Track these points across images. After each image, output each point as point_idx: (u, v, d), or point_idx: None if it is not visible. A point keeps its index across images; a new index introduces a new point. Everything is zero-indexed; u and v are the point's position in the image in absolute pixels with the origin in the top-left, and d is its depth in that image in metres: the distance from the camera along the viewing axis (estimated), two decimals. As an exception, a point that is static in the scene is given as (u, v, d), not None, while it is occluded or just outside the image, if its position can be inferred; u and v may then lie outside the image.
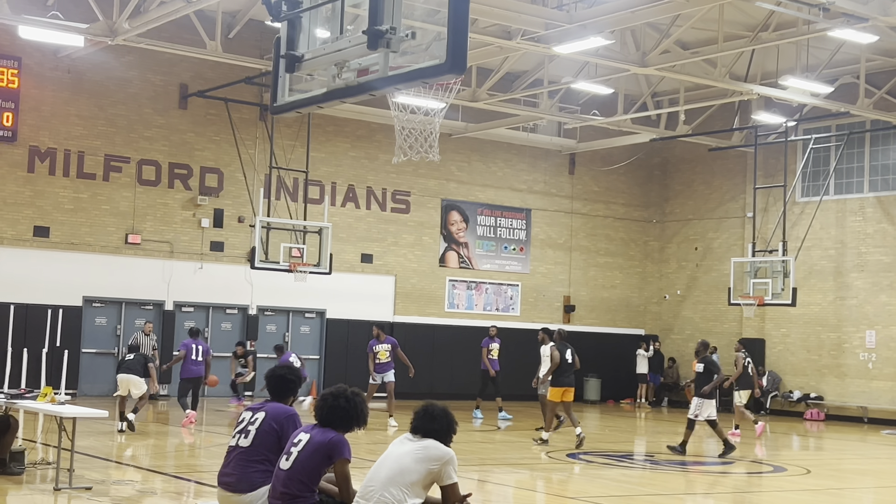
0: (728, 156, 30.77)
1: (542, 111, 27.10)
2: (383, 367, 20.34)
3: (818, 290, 28.43)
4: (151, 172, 25.47)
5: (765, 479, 15.45)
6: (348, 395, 7.04)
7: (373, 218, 28.37)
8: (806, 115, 27.84)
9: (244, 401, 23.28)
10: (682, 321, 31.95)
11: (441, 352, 28.65)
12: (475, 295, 29.97)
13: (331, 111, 26.31)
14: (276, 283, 25.51)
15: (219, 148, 26.22)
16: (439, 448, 6.79)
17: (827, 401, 28.17)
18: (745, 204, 30.26)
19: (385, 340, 20.44)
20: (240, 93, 25.59)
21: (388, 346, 20.38)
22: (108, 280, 24.81)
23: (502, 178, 30.59)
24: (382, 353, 20.28)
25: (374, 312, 27.97)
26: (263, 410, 7.45)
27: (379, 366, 20.28)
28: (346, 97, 7.32)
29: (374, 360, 20.27)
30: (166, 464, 14.39)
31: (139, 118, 25.39)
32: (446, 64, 6.35)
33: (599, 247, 32.16)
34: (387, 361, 20.34)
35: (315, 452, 6.84)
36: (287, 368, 7.75)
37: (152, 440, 17.09)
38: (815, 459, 19.64)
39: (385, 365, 20.33)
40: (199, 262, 25.91)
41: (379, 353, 20.27)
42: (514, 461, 16.47)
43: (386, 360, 20.33)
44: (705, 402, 17.39)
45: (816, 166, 28.79)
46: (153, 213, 25.45)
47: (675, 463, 16.39)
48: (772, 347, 29.51)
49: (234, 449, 7.40)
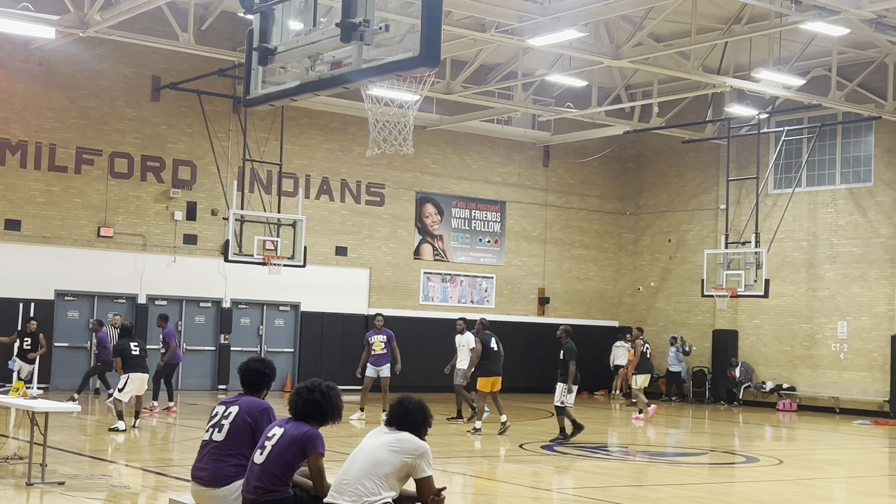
0: (701, 148, 30.90)
1: (517, 104, 27.12)
2: (378, 360, 19.58)
3: (790, 282, 28.62)
4: (124, 165, 25.32)
5: (737, 470, 15.55)
6: (323, 389, 7.02)
7: (347, 211, 28.32)
8: (778, 107, 27.99)
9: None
10: (655, 313, 32.09)
11: (416, 345, 28.63)
12: (450, 287, 29.99)
13: (305, 104, 26.23)
14: (250, 277, 25.42)
15: (192, 140, 26.08)
16: (414, 441, 6.80)
17: (799, 391, 28.37)
18: (718, 196, 30.40)
19: (382, 331, 19.72)
20: (213, 85, 25.46)
21: (384, 336, 19.56)
22: (81, 273, 24.66)
23: (477, 170, 30.60)
24: (377, 343, 19.53)
25: (348, 305, 27.95)
26: (237, 404, 7.43)
27: (374, 357, 19.54)
28: (319, 90, 7.30)
29: (368, 352, 19.65)
30: (140, 458, 14.33)
31: (111, 110, 25.22)
32: (420, 56, 6.34)
33: (574, 239, 32.24)
34: (382, 353, 19.57)
35: (289, 446, 6.83)
36: (261, 361, 7.73)
37: (126, 434, 17.00)
38: (788, 450, 19.78)
39: (380, 357, 19.56)
40: (173, 255, 25.78)
41: (374, 344, 19.55)
42: (490, 454, 16.49)
43: (381, 352, 19.55)
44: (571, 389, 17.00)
45: (789, 158, 28.95)
46: (126, 205, 25.30)
47: (650, 454, 16.47)
48: (744, 339, 29.69)
49: (208, 443, 7.38)
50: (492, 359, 18.07)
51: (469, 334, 19.79)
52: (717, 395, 29.59)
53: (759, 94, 25.90)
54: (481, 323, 18.64)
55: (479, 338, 18.28)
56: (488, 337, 18.25)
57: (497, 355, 18.22)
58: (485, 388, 18.02)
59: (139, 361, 17.06)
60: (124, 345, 17.19)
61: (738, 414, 26.57)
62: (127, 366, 16.97)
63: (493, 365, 18.02)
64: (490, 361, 18.04)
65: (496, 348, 18.20)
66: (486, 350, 18.07)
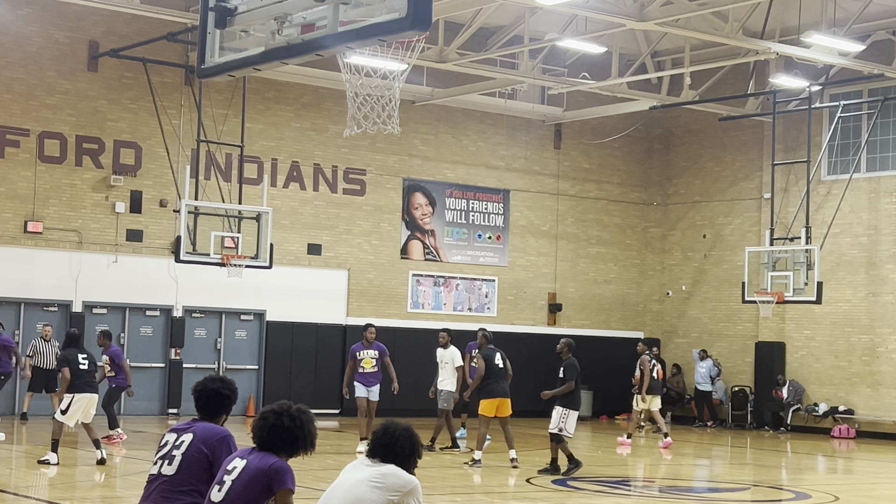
0: (741, 126, 30.93)
1: (523, 74, 27.12)
2: (368, 379, 19.40)
3: (848, 285, 28.65)
4: (55, 147, 25.29)
5: (785, 508, 15.57)
6: (293, 413, 7.01)
7: (321, 201, 28.32)
8: (833, 78, 28.02)
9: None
10: (687, 322, 32.11)
11: (403, 360, 28.55)
12: (444, 292, 30.00)
13: (270, 74, 26.19)
14: (206, 280, 25.40)
15: (136, 118, 26.06)
16: (401, 476, 6.79)
17: (858, 415, 28.41)
18: (761, 183, 30.43)
19: (373, 345, 19.55)
20: (161, 52, 25.42)
21: (376, 352, 19.45)
22: (4, 276, 24.61)
23: (475, 153, 30.61)
24: (368, 360, 19.41)
25: (323, 314, 27.94)
26: (191, 432, 7.41)
27: (362, 376, 19.38)
28: (288, 57, 7.30)
29: (354, 369, 19.49)
30: (75, 495, 14.31)
31: (40, 82, 25.18)
32: (407, 18, 6.34)
33: (590, 234, 32.26)
34: (373, 371, 19.40)
35: (252, 481, 6.81)
36: (220, 381, 7.72)
37: (59, 467, 16.98)
38: (845, 484, 19.81)
39: (371, 376, 19.39)
40: (114, 254, 25.76)
41: (363, 361, 19.40)
42: (492, 489, 16.50)
43: (372, 370, 19.40)
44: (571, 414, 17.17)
45: (845, 138, 28.98)
46: (58, 195, 25.27)
47: (680, 490, 16.50)
48: (793, 352, 29.72)
49: (157, 478, 7.37)
50: (496, 377, 18.09)
51: (453, 349, 19.80)
52: (761, 420, 29.63)
53: (810, 63, 25.92)
54: (484, 336, 18.67)
55: (482, 353, 18.33)
56: (492, 352, 18.30)
57: (503, 373, 18.26)
58: (488, 411, 18.03)
59: (88, 379, 16.83)
60: (71, 356, 16.84)
61: (786, 441, 26.61)
62: (73, 384, 16.63)
63: (497, 385, 18.06)
64: (494, 380, 18.06)
65: (501, 365, 18.24)
66: (490, 367, 18.09)
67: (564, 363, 17.37)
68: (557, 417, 17.12)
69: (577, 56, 28.28)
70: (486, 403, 18.07)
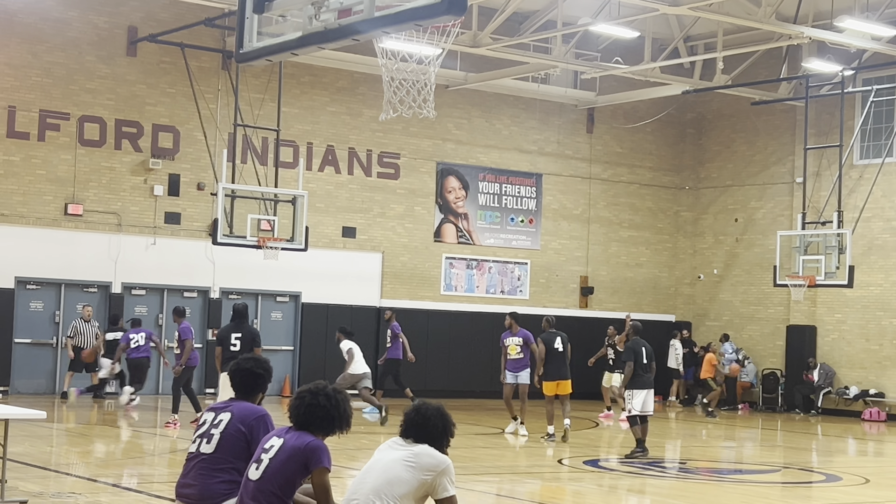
0: (774, 111, 30.75)
1: (556, 58, 27.05)
2: (516, 365, 19.99)
3: (879, 269, 28.48)
4: (95, 131, 25.42)
5: (815, 490, 15.53)
6: (329, 392, 7.06)
7: (356, 185, 28.36)
8: (866, 62, 27.80)
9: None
10: (719, 305, 32.01)
11: (436, 342, 28.69)
12: (476, 275, 30.01)
13: (306, 59, 26.24)
14: (243, 262, 25.51)
15: (174, 102, 26.15)
16: (433, 455, 6.82)
17: (889, 398, 28.27)
18: (793, 167, 30.26)
19: (518, 333, 19.91)
20: (199, 37, 25.48)
21: (520, 339, 20.00)
22: (45, 258, 24.80)
23: (508, 137, 30.56)
24: (513, 347, 19.99)
25: (357, 296, 28.01)
26: (229, 411, 7.47)
27: (509, 362, 20.00)
28: (324, 42, 7.32)
29: (505, 357, 20.01)
30: (115, 473, 14.44)
31: (80, 67, 25.31)
32: (443, 3, 6.35)
33: (622, 218, 32.17)
34: (519, 357, 20.02)
35: (289, 460, 6.87)
36: (254, 360, 7.78)
37: (99, 444, 17.15)
38: (876, 467, 19.73)
39: (518, 362, 20.00)
40: (152, 236, 25.90)
41: (509, 348, 20.06)
42: (523, 470, 16.54)
43: (517, 356, 19.99)
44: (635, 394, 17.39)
45: (878, 123, 28.78)
46: (97, 178, 25.42)
47: (712, 472, 16.48)
48: (824, 336, 29.59)
49: (195, 456, 7.43)
50: (555, 360, 19.08)
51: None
52: (792, 403, 29.54)
53: (843, 47, 25.72)
54: (546, 320, 19.57)
55: (542, 337, 19.23)
56: (552, 336, 19.22)
57: (562, 356, 19.19)
58: (548, 391, 19.15)
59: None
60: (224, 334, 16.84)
61: (817, 424, 26.51)
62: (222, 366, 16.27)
63: (554, 368, 19.10)
64: (552, 364, 19.07)
65: (561, 349, 19.16)
66: (549, 351, 19.08)
67: (625, 346, 18.31)
68: (626, 400, 17.71)
69: (609, 41, 28.17)
70: (545, 385, 19.16)
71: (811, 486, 15.91)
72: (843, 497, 14.73)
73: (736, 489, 15.29)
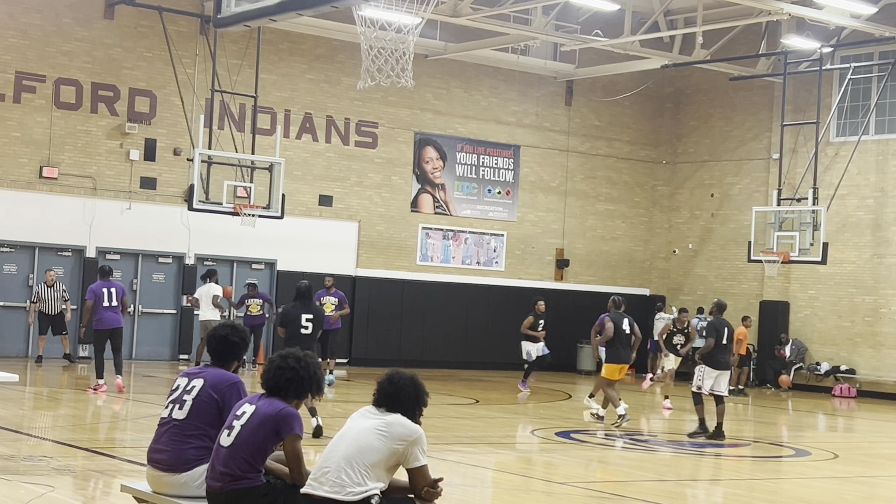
0: (752, 86, 30.79)
1: (535, 30, 26.99)
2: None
3: (853, 246, 28.62)
4: (71, 94, 25.26)
5: (785, 465, 15.64)
6: (298, 356, 7.07)
7: (333, 153, 28.29)
8: (844, 39, 27.84)
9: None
10: (693, 280, 32.12)
11: (411, 312, 28.72)
12: (453, 246, 30.01)
13: (285, 25, 26.10)
14: (219, 228, 25.44)
15: (151, 66, 26.00)
16: (406, 425, 6.83)
17: (859, 374, 28.46)
18: (770, 144, 30.33)
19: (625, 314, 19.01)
20: (177, 1, 25.33)
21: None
22: (19, 221, 24.68)
23: (487, 108, 30.52)
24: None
25: (333, 264, 27.97)
26: (201, 377, 7.47)
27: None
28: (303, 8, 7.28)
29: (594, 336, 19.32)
30: (86, 437, 14.42)
31: (57, 29, 25.12)
32: (422, -28, 6.31)
33: (599, 191, 32.21)
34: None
35: (261, 426, 6.87)
36: (230, 327, 7.77)
37: (70, 409, 17.11)
38: (844, 442, 19.88)
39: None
40: (127, 201, 25.79)
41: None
42: (495, 440, 16.59)
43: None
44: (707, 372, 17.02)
45: (855, 100, 28.85)
46: (73, 142, 25.28)
47: (681, 444, 16.57)
48: (797, 312, 29.74)
49: (167, 421, 7.43)
50: (623, 343, 17.98)
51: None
52: (763, 378, 29.70)
53: (821, 24, 25.74)
54: (613, 301, 18.45)
55: (610, 317, 18.11)
56: (621, 317, 18.08)
57: (629, 338, 18.10)
58: (611, 375, 17.99)
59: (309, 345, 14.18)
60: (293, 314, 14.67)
61: (787, 399, 26.68)
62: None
63: (623, 351, 17.98)
64: (621, 346, 17.95)
65: (628, 331, 18.08)
66: (618, 332, 17.91)
67: (709, 323, 17.50)
68: (696, 376, 17.12)
69: (589, 13, 28.12)
70: (610, 367, 18.00)
71: (781, 461, 16.03)
72: (812, 472, 14.83)
73: (706, 462, 15.38)
